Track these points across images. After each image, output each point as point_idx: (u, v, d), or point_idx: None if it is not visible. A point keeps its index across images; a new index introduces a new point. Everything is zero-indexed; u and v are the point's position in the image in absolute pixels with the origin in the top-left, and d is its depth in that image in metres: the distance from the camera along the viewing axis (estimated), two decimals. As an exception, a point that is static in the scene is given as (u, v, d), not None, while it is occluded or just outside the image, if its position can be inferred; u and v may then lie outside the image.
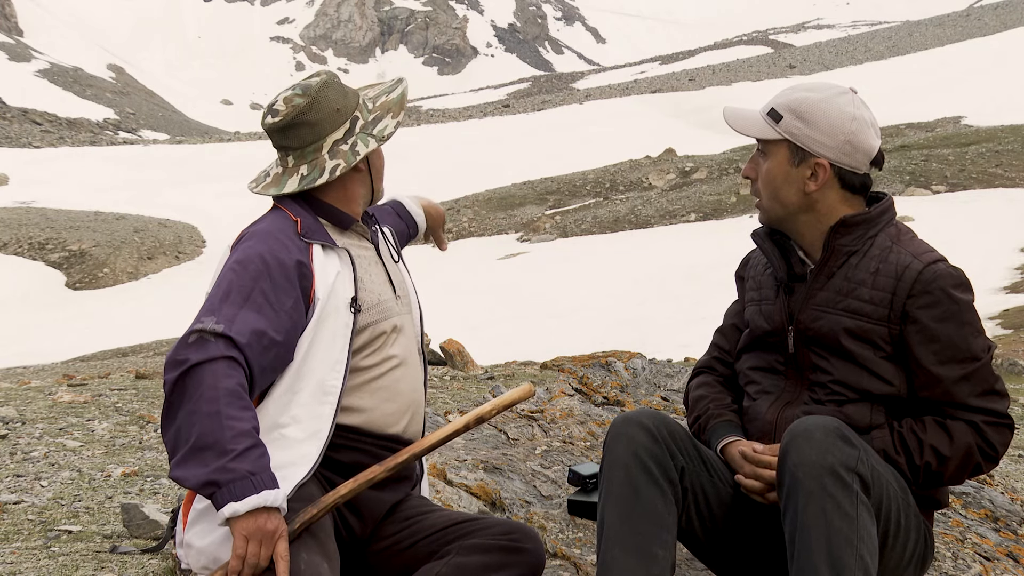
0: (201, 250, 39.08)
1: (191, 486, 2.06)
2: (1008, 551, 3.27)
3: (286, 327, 2.21)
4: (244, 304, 2.18)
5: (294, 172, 2.36)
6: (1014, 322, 15.19)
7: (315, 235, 2.32)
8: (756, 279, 2.57)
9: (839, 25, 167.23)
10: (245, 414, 2.09)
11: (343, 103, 2.37)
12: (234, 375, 2.10)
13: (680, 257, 24.77)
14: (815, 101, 2.38)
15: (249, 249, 2.26)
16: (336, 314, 2.28)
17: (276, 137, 2.36)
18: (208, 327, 2.12)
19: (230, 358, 2.11)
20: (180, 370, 2.09)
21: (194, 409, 2.06)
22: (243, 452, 2.05)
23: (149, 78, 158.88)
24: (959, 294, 2.31)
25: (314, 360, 2.25)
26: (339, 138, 2.36)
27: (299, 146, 2.35)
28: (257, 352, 2.16)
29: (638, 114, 62.31)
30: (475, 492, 3.15)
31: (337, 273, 2.30)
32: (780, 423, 2.40)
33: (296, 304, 2.24)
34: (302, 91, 2.34)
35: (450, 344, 8.82)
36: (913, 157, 32.80)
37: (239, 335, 2.13)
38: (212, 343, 2.11)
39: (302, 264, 2.26)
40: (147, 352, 20.22)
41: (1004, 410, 2.32)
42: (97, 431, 5.46)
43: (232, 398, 2.08)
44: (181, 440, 2.07)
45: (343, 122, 2.37)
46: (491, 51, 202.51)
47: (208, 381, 2.07)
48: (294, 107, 2.32)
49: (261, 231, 2.30)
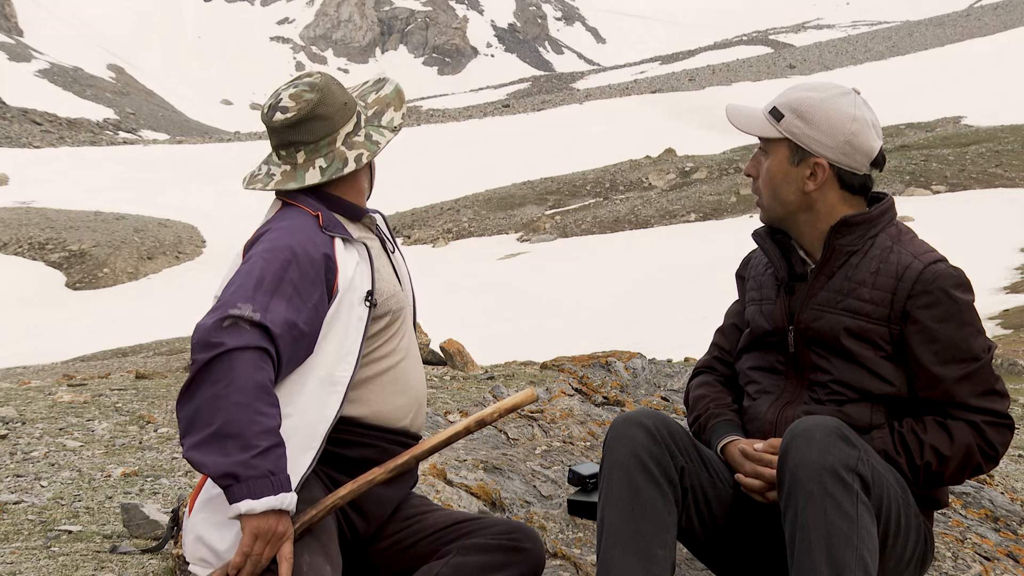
0: (201, 250, 39.11)
1: (208, 472, 2.04)
2: (1008, 551, 3.27)
3: (312, 319, 2.21)
4: (275, 293, 2.16)
5: (309, 166, 2.34)
6: (1014, 322, 15.19)
7: (336, 229, 2.32)
8: (757, 279, 2.57)
9: (839, 25, 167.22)
10: (272, 411, 2.08)
11: (348, 98, 2.39)
12: (265, 368, 2.09)
13: (680, 257, 24.78)
14: (816, 101, 2.38)
15: (278, 240, 2.24)
16: (352, 308, 2.28)
17: (286, 133, 2.32)
18: (245, 314, 2.10)
19: (263, 349, 2.10)
20: (213, 352, 2.06)
21: (221, 394, 2.04)
22: (267, 450, 2.05)
23: (149, 78, 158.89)
24: (959, 294, 2.31)
25: (325, 352, 2.25)
26: (350, 131, 2.37)
27: (313, 140, 2.33)
28: (287, 343, 2.15)
29: (638, 114, 62.30)
30: (475, 492, 3.15)
31: (356, 266, 2.31)
32: (780, 423, 2.40)
33: (321, 298, 2.24)
34: (309, 87, 2.33)
35: (450, 344, 8.82)
36: (913, 157, 32.81)
37: (273, 324, 2.12)
38: (247, 331, 2.09)
39: (328, 258, 2.26)
40: (147, 352, 20.23)
41: (1004, 410, 2.32)
42: (97, 431, 5.46)
43: (262, 392, 2.07)
44: (200, 422, 2.05)
45: (351, 115, 2.38)
46: (491, 51, 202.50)
47: (239, 369, 2.05)
48: (306, 102, 2.31)
49: (286, 225, 2.29)
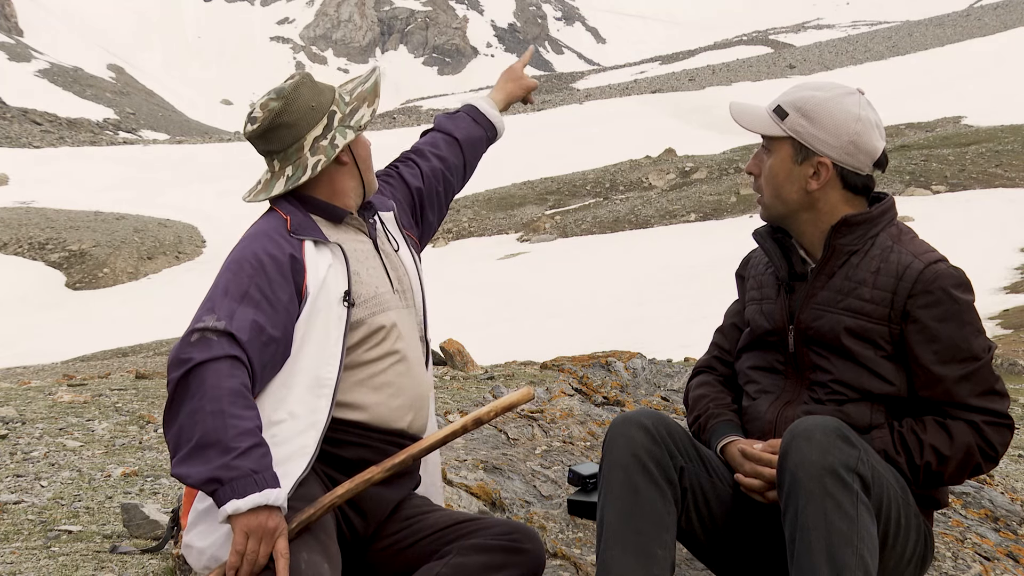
0: (201, 250, 39.08)
1: (193, 483, 2.08)
2: (1008, 551, 3.27)
3: (283, 322, 2.24)
4: (242, 300, 2.21)
5: (280, 175, 2.39)
6: (1014, 322, 15.20)
7: (306, 231, 2.35)
8: (757, 278, 2.56)
9: (839, 25, 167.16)
10: (248, 413, 2.12)
11: (318, 100, 2.39)
12: (237, 374, 2.13)
13: (680, 257, 24.78)
14: (821, 100, 2.38)
15: (243, 249, 2.31)
16: (328, 309, 2.30)
17: (259, 143, 2.40)
18: (209, 325, 2.16)
19: (233, 357, 2.14)
20: (183, 369, 2.11)
21: (197, 407, 2.08)
22: (246, 450, 2.07)
23: (149, 78, 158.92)
24: (960, 294, 2.30)
25: (307, 355, 2.27)
26: (319, 135, 2.38)
27: (281, 148, 2.38)
28: (257, 348, 2.19)
29: (638, 114, 62.26)
30: (475, 492, 3.15)
31: (329, 267, 2.32)
32: (780, 423, 2.40)
33: (291, 298, 2.27)
34: (276, 95, 2.37)
35: (450, 344, 8.82)
36: (913, 157, 32.80)
37: (239, 331, 2.16)
38: (215, 342, 2.14)
39: (295, 259, 2.29)
40: (147, 352, 20.23)
41: (1004, 410, 2.32)
42: (97, 431, 5.46)
43: (236, 397, 2.10)
44: (184, 438, 2.09)
45: (320, 118, 2.39)
46: (491, 51, 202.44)
47: (211, 380, 2.10)
48: (270, 111, 2.36)
49: (253, 232, 2.35)
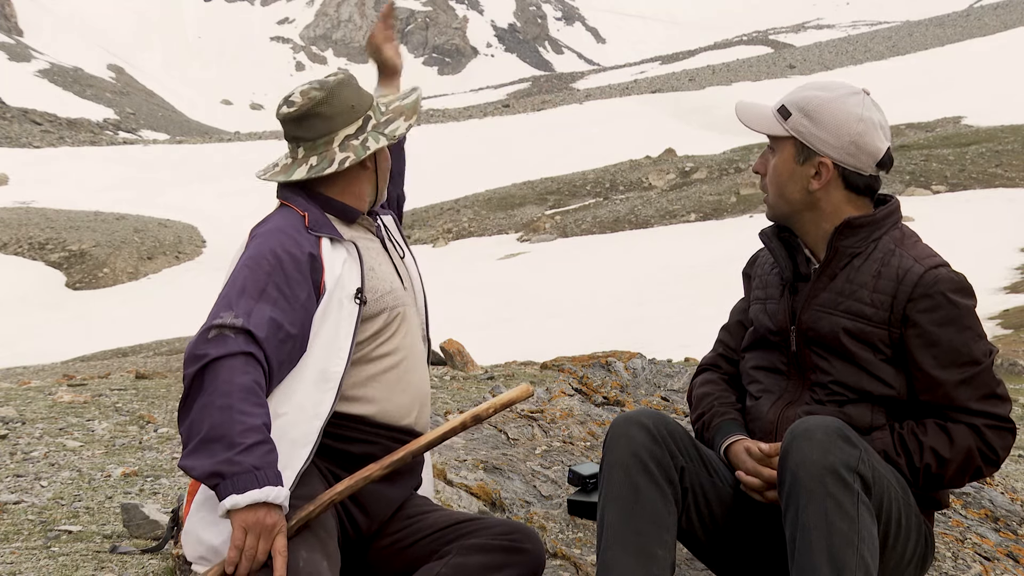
0: (201, 250, 39.09)
1: (196, 476, 2.10)
2: (1008, 551, 3.27)
3: (301, 319, 2.26)
4: (260, 298, 2.22)
5: (304, 162, 2.41)
6: (1014, 322, 15.19)
7: (323, 228, 2.37)
8: (763, 278, 2.57)
9: (839, 25, 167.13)
10: (257, 410, 2.12)
11: (358, 101, 2.43)
12: (251, 371, 2.14)
13: (680, 257, 24.78)
14: (824, 100, 2.38)
15: (261, 246, 2.31)
16: (341, 305, 2.32)
17: (290, 127, 2.42)
18: (227, 322, 2.17)
19: (248, 354, 2.15)
20: (199, 365, 2.13)
21: (208, 402, 2.10)
22: (251, 446, 2.08)
23: (149, 78, 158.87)
24: (960, 299, 2.30)
25: (317, 349, 2.29)
26: (351, 134, 2.41)
27: (311, 137, 2.40)
28: (274, 345, 2.20)
29: (638, 114, 62.26)
30: (475, 492, 3.15)
31: (344, 264, 2.34)
32: (781, 423, 2.40)
33: (309, 296, 2.29)
34: (320, 85, 2.41)
35: (450, 344, 8.81)
36: (913, 157, 32.79)
37: (257, 328, 2.17)
38: (232, 338, 2.15)
39: (313, 256, 2.31)
40: (147, 352, 20.24)
41: (1005, 414, 2.31)
42: (97, 431, 5.45)
43: (246, 393, 2.11)
44: (193, 432, 2.11)
45: (356, 119, 2.43)
46: (491, 51, 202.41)
47: (224, 376, 2.11)
48: (310, 99, 2.39)
49: (271, 228, 2.35)
